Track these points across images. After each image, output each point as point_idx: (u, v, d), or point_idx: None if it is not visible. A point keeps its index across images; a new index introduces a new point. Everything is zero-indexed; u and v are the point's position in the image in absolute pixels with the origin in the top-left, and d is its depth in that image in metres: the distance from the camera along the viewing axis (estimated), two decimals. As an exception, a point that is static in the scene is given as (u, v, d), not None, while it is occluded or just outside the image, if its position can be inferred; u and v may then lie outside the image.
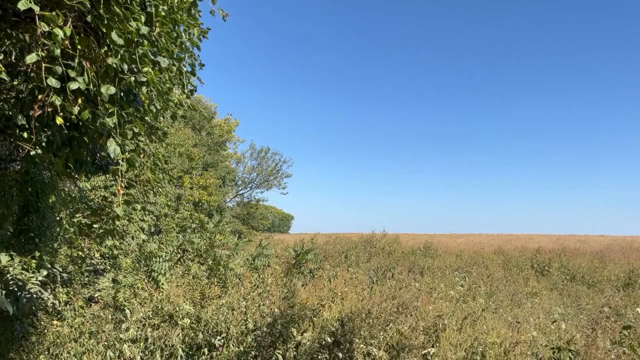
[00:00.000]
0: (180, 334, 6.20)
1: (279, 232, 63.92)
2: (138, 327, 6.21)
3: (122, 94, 3.25)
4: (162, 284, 8.08)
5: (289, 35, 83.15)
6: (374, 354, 5.07)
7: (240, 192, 29.93)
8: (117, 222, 4.11)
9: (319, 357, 5.39)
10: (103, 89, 2.81)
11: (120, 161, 3.21)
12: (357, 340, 5.34)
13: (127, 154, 3.19)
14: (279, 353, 5.30)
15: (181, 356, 5.86)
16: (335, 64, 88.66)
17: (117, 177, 3.23)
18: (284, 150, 74.04)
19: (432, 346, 5.53)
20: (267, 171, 29.56)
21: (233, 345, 5.87)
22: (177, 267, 9.10)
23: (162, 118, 4.90)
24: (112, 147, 2.93)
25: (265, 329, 5.98)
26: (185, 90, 4.38)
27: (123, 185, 3.74)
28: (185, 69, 4.25)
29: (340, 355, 5.21)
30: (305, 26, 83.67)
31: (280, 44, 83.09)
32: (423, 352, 5.43)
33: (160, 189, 8.68)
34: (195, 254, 9.71)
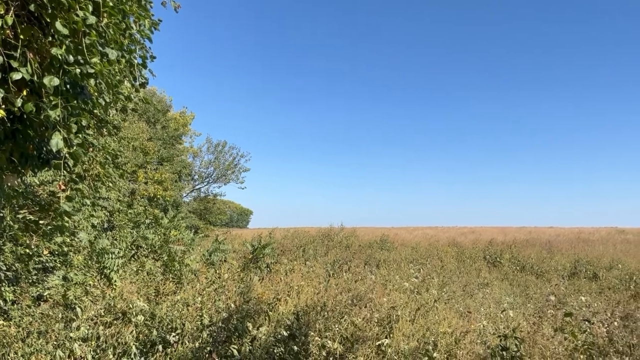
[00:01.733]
0: (134, 331, 6.09)
1: (238, 227, 63.38)
2: (89, 326, 6.06)
3: (67, 85, 3.15)
4: (115, 281, 7.91)
5: (250, 28, 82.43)
6: (328, 346, 5.12)
7: (197, 187, 29.50)
8: (67, 218, 3.98)
9: (275, 350, 5.40)
10: (46, 80, 2.72)
11: (65, 155, 3.11)
12: (312, 333, 5.38)
13: (72, 147, 3.09)
14: (234, 348, 5.28)
15: (135, 354, 5.75)
16: (293, 56, 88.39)
17: (61, 171, 3.13)
18: (242, 145, 73.47)
19: (386, 337, 5.63)
20: (225, 165, 29.20)
21: (188, 342, 5.81)
22: (130, 263, 8.91)
23: (113, 111, 4.78)
24: (54, 141, 2.85)
25: (220, 324, 5.94)
26: (136, 83, 4.29)
27: (68, 180, 3.64)
28: (136, 61, 4.16)
29: (296, 348, 5.24)
30: (266, 18, 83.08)
31: (240, 38, 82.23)
32: (377, 343, 5.52)
33: (111, 184, 8.46)
34: (150, 250, 9.54)
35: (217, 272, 8.75)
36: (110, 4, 3.27)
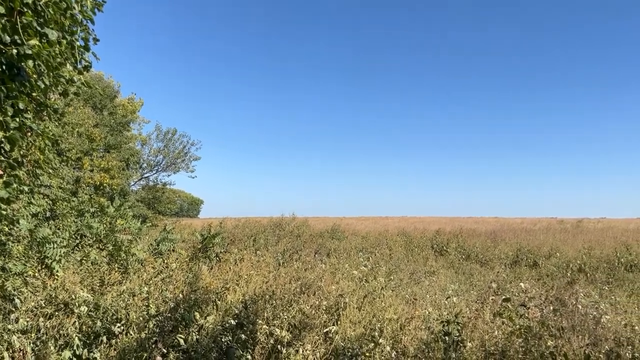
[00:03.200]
0: (77, 322, 5.92)
1: (188, 216, 62.37)
2: (29, 317, 5.85)
3: (3, 67, 3.02)
4: (57, 271, 7.64)
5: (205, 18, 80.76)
6: (276, 334, 5.15)
7: (146, 175, 28.71)
8: (4, 206, 3.81)
9: (223, 339, 5.39)
10: (-22, 61, 2.60)
11: (1, 139, 2.98)
12: (260, 321, 5.40)
13: (9, 131, 2.97)
14: (180, 337, 5.23)
15: (77, 345, 5.60)
16: (247, 44, 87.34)
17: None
18: (194, 134, 72.23)
19: (334, 324, 5.72)
20: (175, 154, 28.50)
21: (133, 332, 5.70)
22: (74, 253, 8.63)
23: (55, 95, 4.60)
24: (-12, 124, 2.73)
25: (167, 314, 5.87)
26: (79, 66, 4.14)
27: (5, 165, 3.48)
28: (77, 43, 4.01)
29: (243, 336, 5.25)
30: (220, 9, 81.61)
31: (193, 26, 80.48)
32: (325, 330, 5.60)
33: (51, 171, 8.15)
34: (95, 239, 9.27)
35: (165, 261, 8.61)
36: (49, -18, 3.15)
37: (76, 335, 5.67)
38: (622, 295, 8.50)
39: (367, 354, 5.06)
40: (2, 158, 3.31)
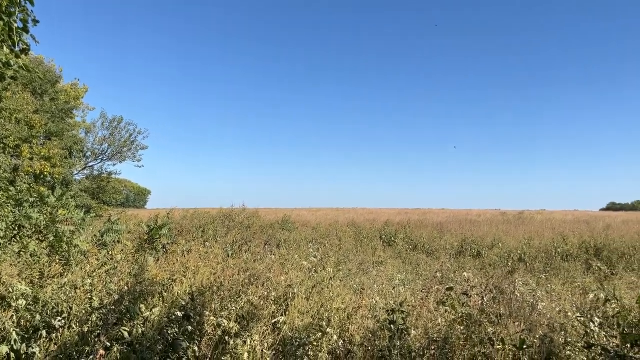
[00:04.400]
0: (14, 316, 5.68)
1: (135, 207, 60.86)
2: (-38, 312, 5.57)
3: None
4: (-7, 264, 7.30)
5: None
6: (224, 325, 5.13)
7: (90, 165, 27.72)
8: None
9: (169, 331, 5.31)
10: None
11: None
12: (207, 313, 5.36)
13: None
14: (125, 330, 5.12)
15: (15, 340, 5.39)
16: (196, 31, 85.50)
17: None
18: (140, 122, 70.25)
19: (282, 315, 5.75)
20: (121, 142, 27.64)
21: (75, 326, 5.53)
22: (12, 244, 8.26)
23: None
24: None
25: (111, 307, 5.72)
26: (17, 49, 3.96)
27: None
28: (15, 25, 3.84)
29: (190, 328, 5.19)
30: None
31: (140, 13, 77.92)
32: (273, 321, 5.61)
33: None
34: (34, 230, 8.90)
35: (110, 253, 8.37)
36: (-17, -40, 2.99)
37: (14, 330, 5.44)
38: (558, 284, 8.93)
39: (315, 344, 5.11)
40: None
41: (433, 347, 4.91)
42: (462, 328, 5.07)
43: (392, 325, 5.15)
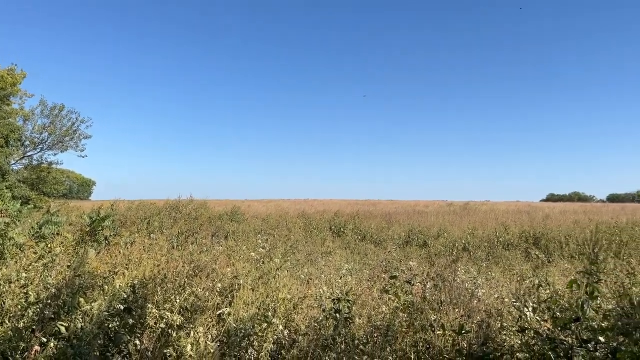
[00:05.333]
0: (-60, 314, 5.39)
1: (79, 198, 58.79)
2: None
3: None
4: None
5: None
6: (167, 317, 5.04)
7: (29, 154, 26.48)
8: None
9: (110, 325, 5.18)
10: None
11: None
12: (150, 306, 5.24)
13: None
14: (62, 325, 4.95)
15: (-60, 339, 5.11)
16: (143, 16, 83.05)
17: None
18: (84, 111, 67.75)
19: (227, 306, 5.71)
20: (62, 131, 26.48)
21: (9, 321, 5.30)
22: (-60, 238, 7.81)
23: None
24: None
25: (48, 301, 5.52)
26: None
27: None
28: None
29: (132, 321, 5.08)
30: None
31: None
32: (218, 312, 5.57)
33: None
34: (-35, 222, 8.43)
35: (49, 246, 8.04)
36: None
37: (-60, 328, 5.16)
38: (498, 271, 9.28)
39: (261, 334, 5.11)
40: None
41: (376, 335, 5.00)
42: (405, 315, 5.18)
43: (337, 314, 5.20)
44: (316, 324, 5.34)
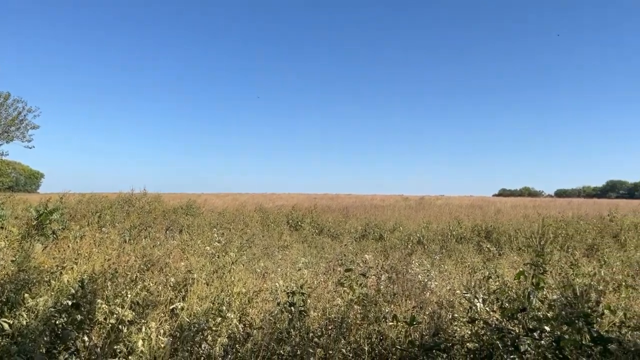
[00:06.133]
0: None
1: (26, 191, 56.46)
2: None
3: None
4: None
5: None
6: (117, 312, 4.91)
7: (-29, 144, 25.22)
8: None
9: (56, 322, 5.00)
10: None
11: None
12: (99, 301, 5.09)
13: None
14: (5, 322, 4.75)
15: None
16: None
17: None
18: (30, 100, 65.05)
19: (180, 300, 5.62)
20: (8, 121, 25.29)
21: (-54, 320, 5.05)
22: None
23: None
24: None
25: (-9, 298, 5.28)
26: None
27: None
28: None
29: (79, 317, 4.92)
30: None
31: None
32: (171, 307, 5.47)
33: None
34: None
35: (-8, 240, 7.69)
36: None
37: None
38: (450, 264, 9.49)
39: (214, 328, 5.06)
40: None
41: (331, 327, 5.03)
42: (359, 308, 5.23)
43: (292, 308, 5.20)
44: (271, 318, 5.33)
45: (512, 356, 3.67)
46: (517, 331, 3.85)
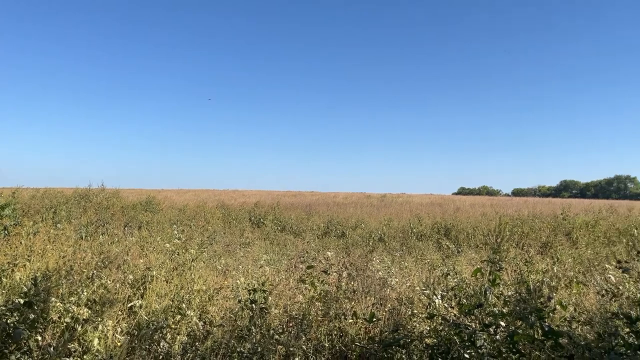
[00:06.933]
0: None
1: (-25, 185, 54.16)
2: None
3: None
4: None
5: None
6: (72, 311, 4.78)
7: None
8: None
9: (7, 320, 4.83)
10: None
11: None
12: (54, 299, 4.95)
13: None
14: (-49, 321, 4.56)
15: None
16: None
17: None
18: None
19: (139, 298, 5.51)
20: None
21: None
22: None
23: None
24: None
25: None
26: None
27: None
28: None
29: (32, 315, 4.77)
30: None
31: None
32: (129, 305, 5.37)
33: None
34: None
35: None
36: None
37: None
38: (411, 261, 9.63)
39: (174, 326, 5.00)
40: None
41: (292, 324, 5.04)
42: (320, 304, 5.26)
43: (253, 305, 5.18)
44: (232, 315, 5.30)
45: (468, 351, 3.76)
46: (474, 326, 3.94)
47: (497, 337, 3.73)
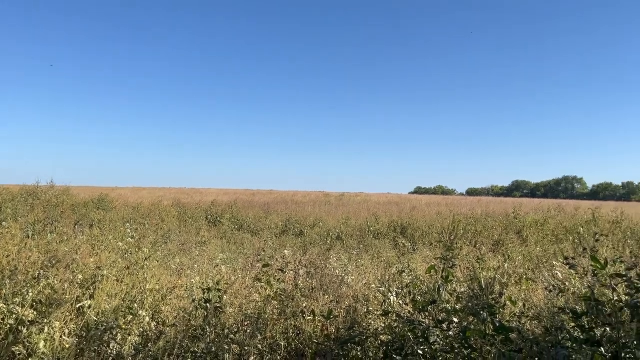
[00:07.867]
0: None
1: None
2: None
3: None
4: None
5: None
6: (16, 312, 4.57)
7: None
8: None
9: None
10: None
11: None
12: (-4, 301, 4.73)
13: None
14: None
15: None
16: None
17: None
18: None
19: (88, 298, 5.34)
20: None
21: None
22: None
23: None
24: None
25: None
26: None
27: None
28: None
29: (-28, 318, 4.54)
30: None
31: None
32: (78, 306, 5.18)
33: None
34: None
35: None
36: None
37: None
38: (367, 259, 9.71)
39: (125, 327, 4.86)
40: None
41: (247, 323, 4.99)
42: (276, 303, 5.22)
43: (207, 304, 5.09)
44: (185, 315, 5.19)
45: (422, 347, 3.81)
46: (428, 323, 4.00)
47: (450, 333, 3.79)
